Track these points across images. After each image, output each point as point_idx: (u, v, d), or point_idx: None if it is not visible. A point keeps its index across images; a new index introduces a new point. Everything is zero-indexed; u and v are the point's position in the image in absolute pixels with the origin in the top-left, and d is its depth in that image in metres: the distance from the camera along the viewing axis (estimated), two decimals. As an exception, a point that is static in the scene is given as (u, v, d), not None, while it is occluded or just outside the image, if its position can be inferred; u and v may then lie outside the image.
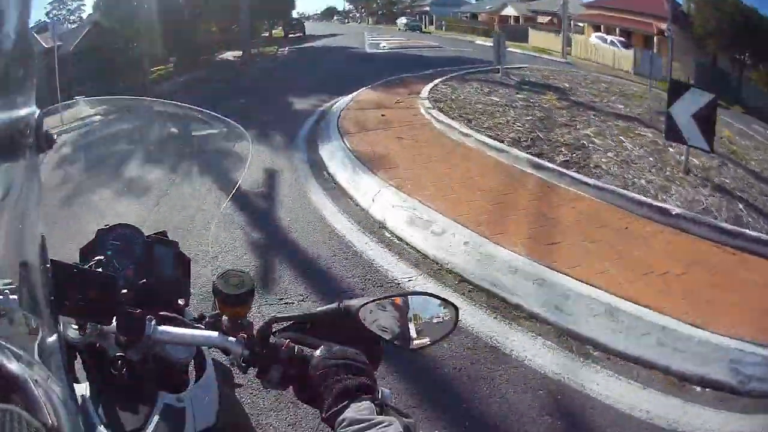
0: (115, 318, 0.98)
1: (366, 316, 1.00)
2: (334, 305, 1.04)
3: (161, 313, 1.06)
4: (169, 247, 1.37)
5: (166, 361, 1.08)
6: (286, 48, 21.55)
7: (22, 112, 0.56)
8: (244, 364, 0.99)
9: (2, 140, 0.53)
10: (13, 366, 0.49)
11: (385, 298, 1.04)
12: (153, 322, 1.01)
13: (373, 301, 1.02)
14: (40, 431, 0.47)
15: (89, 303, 0.95)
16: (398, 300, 1.05)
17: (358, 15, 33.18)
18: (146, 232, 1.40)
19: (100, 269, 1.24)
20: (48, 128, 0.60)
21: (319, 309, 1.06)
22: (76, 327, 1.02)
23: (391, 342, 1.01)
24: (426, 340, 1.04)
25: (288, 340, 0.99)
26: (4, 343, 0.50)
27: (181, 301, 1.29)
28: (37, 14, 13.87)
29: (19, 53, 0.56)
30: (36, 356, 0.55)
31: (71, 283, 0.95)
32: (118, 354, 1.00)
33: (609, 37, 20.02)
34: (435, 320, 1.05)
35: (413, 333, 1.03)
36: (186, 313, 1.24)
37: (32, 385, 0.50)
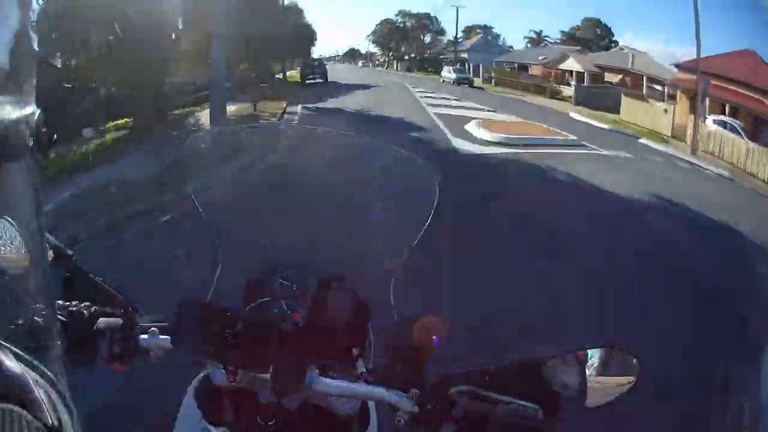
0: (271, 366, 0.96)
1: (551, 370, 0.93)
2: (518, 358, 0.96)
3: (327, 360, 1.03)
4: (345, 291, 1.26)
5: (325, 413, 1.06)
6: (298, 107, 15.04)
7: (22, 112, 0.54)
8: (412, 422, 0.94)
9: (2, 140, 0.51)
10: (13, 366, 0.48)
11: (573, 350, 0.95)
12: (315, 372, 0.98)
13: (561, 355, 0.95)
14: (40, 431, 0.47)
15: (244, 349, 0.95)
16: (581, 353, 0.94)
17: (384, 60, 29.76)
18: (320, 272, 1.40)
19: (263, 311, 1.26)
20: (48, 128, 0.59)
21: (499, 364, 0.96)
22: (225, 372, 0.99)
23: (571, 400, 0.92)
24: (606, 398, 0.93)
25: (464, 395, 0.93)
26: (4, 342, 0.49)
27: (355, 350, 1.16)
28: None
29: (19, 53, 0.54)
30: (36, 356, 0.53)
31: (226, 328, 0.96)
32: (268, 404, 1.00)
33: (728, 120, 15.06)
34: (614, 372, 0.95)
35: (593, 388, 0.93)
36: (359, 363, 1.13)
37: (32, 385, 0.49)
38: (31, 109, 0.57)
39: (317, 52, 22.30)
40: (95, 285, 1.06)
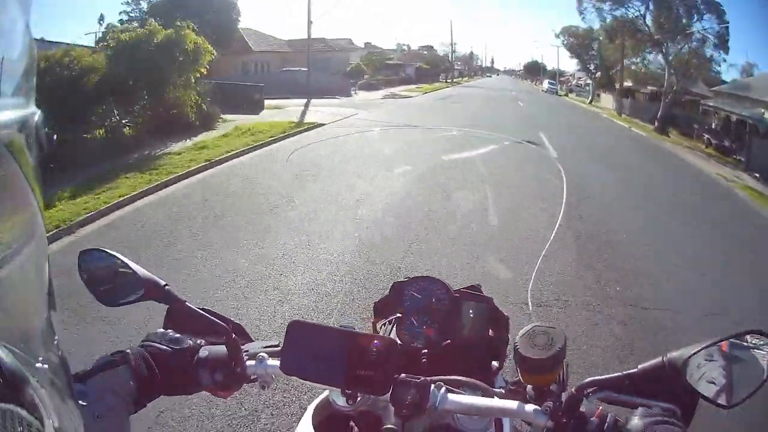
0: (391, 388, 0.93)
1: (691, 369, 0.86)
2: (657, 361, 0.89)
3: (454, 378, 0.99)
4: (482, 304, 1.29)
5: None
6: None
7: (22, 112, 0.56)
8: None
9: (2, 140, 0.51)
10: (13, 366, 0.47)
11: (713, 344, 0.86)
12: (442, 390, 0.94)
13: (701, 350, 0.86)
14: (40, 431, 0.47)
15: (362, 371, 0.92)
16: (725, 345, 0.87)
17: (579, 83, 36.46)
18: (456, 285, 1.35)
19: (393, 327, 1.27)
20: (48, 128, 0.61)
21: (640, 366, 0.90)
22: (344, 395, 0.97)
23: (711, 400, 0.85)
24: (744, 392, 0.85)
25: (601, 406, 0.89)
26: (3, 342, 0.48)
27: (495, 363, 1.22)
28: None
29: (19, 53, 0.56)
30: (36, 356, 0.55)
31: (342, 349, 0.94)
32: (389, 427, 0.93)
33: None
34: (749, 363, 0.86)
35: (734, 383, 0.85)
36: (497, 378, 1.20)
37: (32, 385, 0.49)
38: (32, 110, 0.58)
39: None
40: (197, 314, 1.05)
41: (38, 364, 0.54)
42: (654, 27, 26.73)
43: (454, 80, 64.44)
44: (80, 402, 0.80)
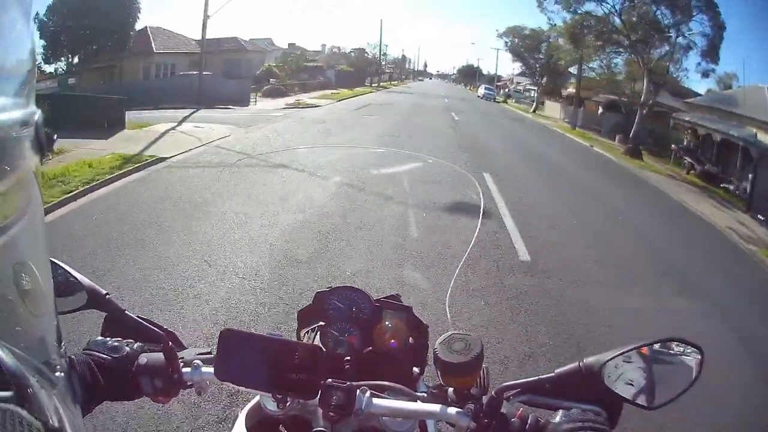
0: (319, 392, 0.95)
1: (608, 372, 0.90)
2: (573, 365, 0.92)
3: (378, 382, 1.02)
4: (401, 312, 1.32)
5: None
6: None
7: (22, 112, 0.56)
8: None
9: (2, 140, 0.52)
10: (13, 366, 0.48)
11: (632, 349, 0.91)
12: (367, 394, 0.97)
13: (619, 354, 0.91)
14: (40, 431, 0.47)
15: (291, 377, 0.95)
16: (645, 350, 0.92)
17: (518, 88, 35.92)
18: (377, 295, 1.36)
19: (316, 335, 1.29)
20: (48, 128, 0.60)
21: (557, 371, 0.92)
22: (275, 400, 1.00)
23: (632, 401, 0.90)
24: (668, 395, 0.90)
25: (522, 408, 0.93)
26: (4, 342, 0.48)
27: (416, 369, 1.25)
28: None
29: (19, 53, 0.56)
30: (36, 356, 0.55)
31: (271, 356, 0.96)
32: (319, 430, 0.99)
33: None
34: (677, 367, 0.92)
35: (655, 386, 0.91)
36: (419, 383, 1.22)
37: (32, 385, 0.49)
38: (32, 109, 0.57)
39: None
40: (134, 322, 1.07)
41: (38, 365, 0.54)
42: (628, 26, 21.80)
43: (381, 84, 59.80)
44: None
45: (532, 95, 43.36)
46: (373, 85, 56.16)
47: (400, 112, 26.00)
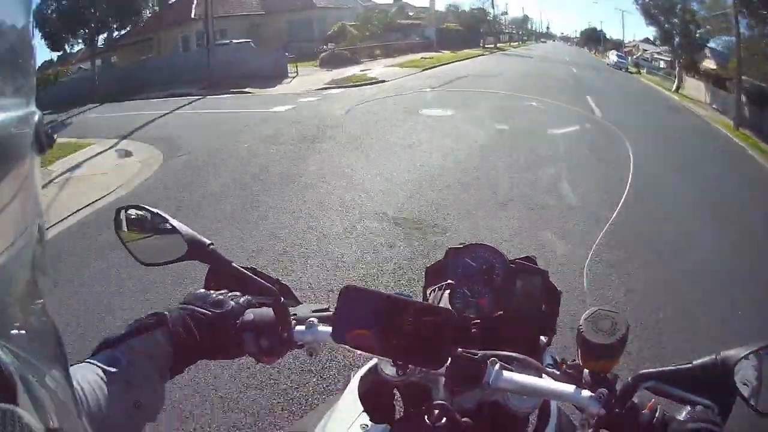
0: (447, 363, 0.89)
1: (743, 369, 0.83)
2: (710, 357, 0.86)
3: (510, 354, 0.94)
4: (536, 276, 1.23)
5: (503, 410, 0.97)
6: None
7: (22, 112, 0.55)
8: (597, 425, 0.87)
9: (2, 140, 0.52)
10: (14, 366, 0.47)
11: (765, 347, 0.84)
12: (497, 367, 0.90)
13: (757, 350, 0.84)
14: (40, 431, 0.46)
15: (418, 343, 0.88)
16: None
17: (645, 56, 32.13)
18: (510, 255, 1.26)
19: (446, 294, 1.20)
20: (48, 128, 0.59)
21: (694, 362, 0.86)
22: (395, 365, 0.93)
23: (748, 403, 0.82)
24: None
25: (653, 399, 0.87)
26: (4, 342, 0.48)
27: (543, 339, 1.19)
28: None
29: (19, 53, 0.56)
30: (36, 355, 0.54)
31: (398, 319, 0.88)
32: (439, 402, 0.90)
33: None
34: None
35: None
36: (545, 354, 1.16)
37: (32, 385, 0.49)
38: (32, 109, 0.57)
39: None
40: (241, 274, 1.01)
41: (38, 364, 0.54)
42: None
43: (498, 46, 49.44)
44: (110, 369, 0.79)
45: (661, 65, 35.80)
46: (487, 46, 46.30)
47: (504, 92, 16.90)
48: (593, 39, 67.53)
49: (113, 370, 0.80)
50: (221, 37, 28.24)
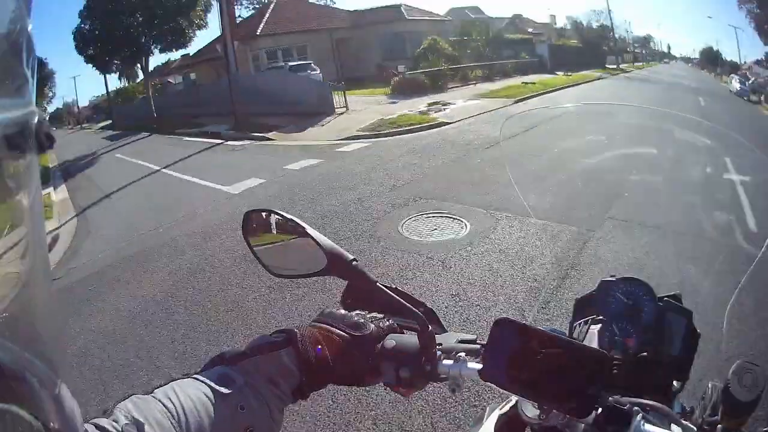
0: (595, 409, 0.81)
1: None
2: None
3: (652, 403, 0.87)
4: (682, 316, 1.15)
5: None
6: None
7: (22, 112, 0.53)
8: None
9: (2, 140, 0.50)
10: (14, 366, 0.47)
11: None
12: (639, 417, 0.82)
13: None
14: (40, 431, 0.47)
15: (568, 386, 0.80)
16: None
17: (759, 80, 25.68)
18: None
19: (592, 329, 1.15)
20: (48, 128, 0.58)
21: None
22: (538, 408, 0.86)
23: None
24: None
25: None
26: (4, 341, 0.47)
27: (676, 385, 1.10)
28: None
29: (19, 53, 0.54)
30: (37, 355, 0.53)
31: (552, 359, 0.81)
32: None
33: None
34: None
35: None
36: (675, 401, 1.06)
37: (33, 385, 0.49)
38: (32, 109, 0.56)
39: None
40: (385, 294, 0.92)
41: (38, 364, 0.53)
42: None
43: (620, 66, 42.52)
44: (222, 389, 0.74)
45: None
46: (609, 67, 39.88)
47: (617, 147, 9.14)
48: (711, 60, 60.42)
49: (225, 391, 0.75)
50: (295, 56, 26.00)
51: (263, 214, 0.99)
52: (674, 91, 25.12)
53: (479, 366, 0.84)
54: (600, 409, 0.80)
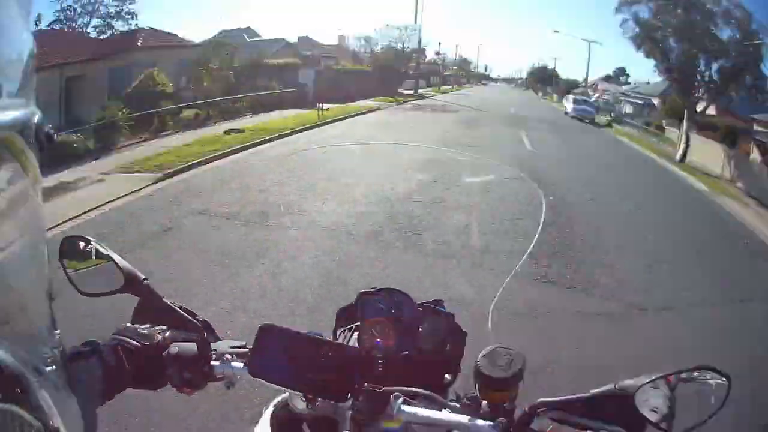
0: (351, 395, 0.96)
1: (641, 397, 0.91)
2: (609, 387, 0.93)
3: (412, 389, 1.01)
4: (442, 318, 1.30)
5: None
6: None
7: (22, 112, 0.56)
8: None
9: (2, 140, 0.52)
10: (13, 366, 0.48)
11: (666, 375, 0.93)
12: (399, 401, 0.97)
13: (654, 380, 0.92)
14: (40, 431, 0.48)
15: (325, 378, 0.96)
16: (671, 378, 0.93)
17: (605, 98, 29.12)
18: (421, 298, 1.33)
19: (352, 335, 1.27)
20: (48, 128, 0.60)
21: (592, 391, 0.95)
22: (304, 399, 1.01)
23: (658, 426, 0.90)
24: (691, 421, 0.91)
25: (551, 425, 0.95)
26: (4, 342, 0.49)
27: (447, 377, 1.23)
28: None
29: (19, 53, 0.56)
30: (36, 356, 0.55)
31: (308, 355, 0.97)
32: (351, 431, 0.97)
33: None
34: (703, 394, 0.93)
35: (679, 412, 0.91)
36: (449, 392, 1.20)
37: (32, 385, 0.50)
38: (32, 109, 0.58)
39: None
40: (170, 309, 1.10)
41: (38, 364, 0.55)
42: None
43: (418, 92, 38.45)
44: None
45: (625, 110, 32.39)
46: (407, 92, 36.04)
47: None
48: (543, 79, 59.97)
49: None
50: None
51: (79, 242, 1.11)
52: (472, 128, 20.53)
53: (244, 364, 1.03)
54: (360, 397, 0.94)
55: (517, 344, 1.06)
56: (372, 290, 1.31)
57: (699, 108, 19.32)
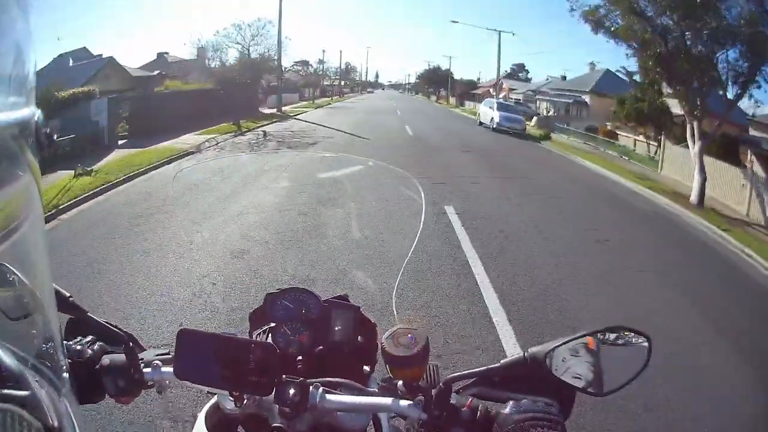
0: (274, 389, 0.97)
1: (555, 362, 0.91)
2: (518, 356, 0.95)
3: (331, 379, 1.03)
4: (349, 311, 1.32)
5: (337, 430, 1.05)
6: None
7: (22, 112, 0.56)
8: (422, 429, 0.95)
9: (2, 140, 0.52)
10: (14, 366, 0.49)
11: (574, 339, 0.92)
12: (320, 390, 0.98)
13: (562, 344, 0.92)
14: (40, 431, 0.48)
15: (246, 374, 0.95)
16: (590, 341, 0.93)
17: (516, 99, 27.88)
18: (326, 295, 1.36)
19: (268, 336, 1.29)
20: (48, 128, 0.60)
21: (503, 361, 0.96)
22: (232, 398, 1.00)
23: (583, 389, 0.91)
24: (618, 381, 0.91)
25: (471, 398, 0.95)
26: (5, 343, 0.50)
27: (366, 368, 1.27)
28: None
29: (19, 53, 0.55)
30: (36, 356, 0.55)
31: (227, 354, 0.96)
32: (276, 426, 0.98)
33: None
34: (625, 355, 0.93)
35: (605, 374, 0.92)
36: (370, 381, 1.22)
37: (32, 385, 0.50)
38: (32, 109, 0.57)
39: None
40: (96, 324, 1.08)
41: (38, 364, 0.55)
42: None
43: (283, 110, 30.86)
44: None
45: (547, 112, 29.83)
46: (268, 111, 29.00)
47: None
48: (437, 81, 55.52)
49: None
50: None
51: None
52: (324, 204, 9.82)
53: (171, 369, 1.01)
54: (281, 390, 0.95)
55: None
56: (278, 291, 1.33)
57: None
